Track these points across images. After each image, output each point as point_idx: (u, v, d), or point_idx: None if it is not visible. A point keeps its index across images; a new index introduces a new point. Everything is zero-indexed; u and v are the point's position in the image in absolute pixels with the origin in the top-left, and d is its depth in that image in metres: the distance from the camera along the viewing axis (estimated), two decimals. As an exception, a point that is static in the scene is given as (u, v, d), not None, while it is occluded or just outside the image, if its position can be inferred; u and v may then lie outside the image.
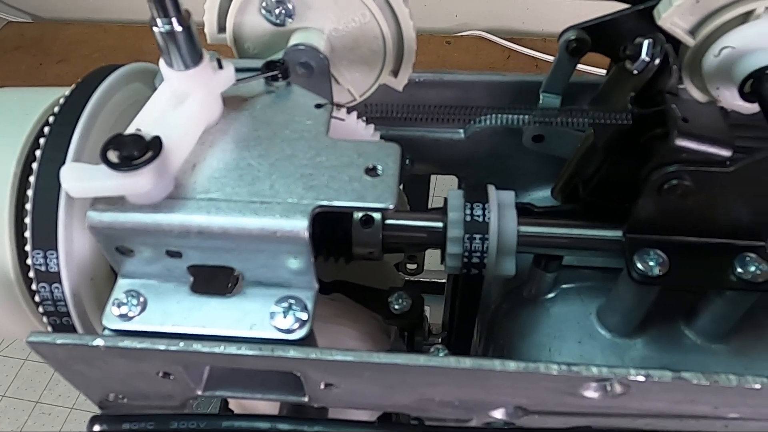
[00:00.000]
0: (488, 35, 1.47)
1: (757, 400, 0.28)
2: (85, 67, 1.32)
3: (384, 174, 0.29)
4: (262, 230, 0.27)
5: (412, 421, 0.36)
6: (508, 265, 0.37)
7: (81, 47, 1.60)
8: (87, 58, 1.61)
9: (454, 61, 1.53)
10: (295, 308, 0.29)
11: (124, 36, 1.44)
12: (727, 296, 0.36)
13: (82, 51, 1.61)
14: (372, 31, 0.36)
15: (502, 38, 1.45)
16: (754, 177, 0.31)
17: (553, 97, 0.40)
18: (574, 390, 0.29)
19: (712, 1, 0.34)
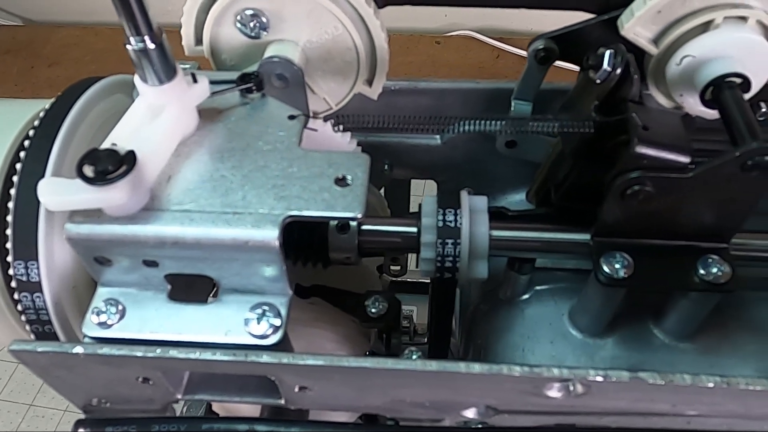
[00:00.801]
0: (477, 35, 1.48)
1: (712, 398, 0.29)
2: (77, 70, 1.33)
3: (353, 184, 0.30)
4: (235, 240, 0.28)
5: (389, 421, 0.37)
6: (481, 268, 0.38)
7: (72, 50, 1.61)
8: (78, 61, 1.62)
9: (444, 60, 1.54)
10: (269, 314, 0.30)
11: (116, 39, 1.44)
12: (692, 297, 0.37)
13: (73, 54, 1.61)
14: (345, 43, 0.37)
15: (492, 38, 1.46)
16: (711, 182, 0.32)
17: (524, 104, 0.41)
18: (537, 390, 0.30)
19: (673, 12, 0.35)
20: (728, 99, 0.34)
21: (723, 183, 0.32)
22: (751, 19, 0.34)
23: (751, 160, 0.31)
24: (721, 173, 0.32)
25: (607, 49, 0.33)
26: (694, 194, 0.33)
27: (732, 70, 0.34)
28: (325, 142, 0.41)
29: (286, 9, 0.35)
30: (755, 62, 0.35)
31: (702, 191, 0.33)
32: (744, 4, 0.34)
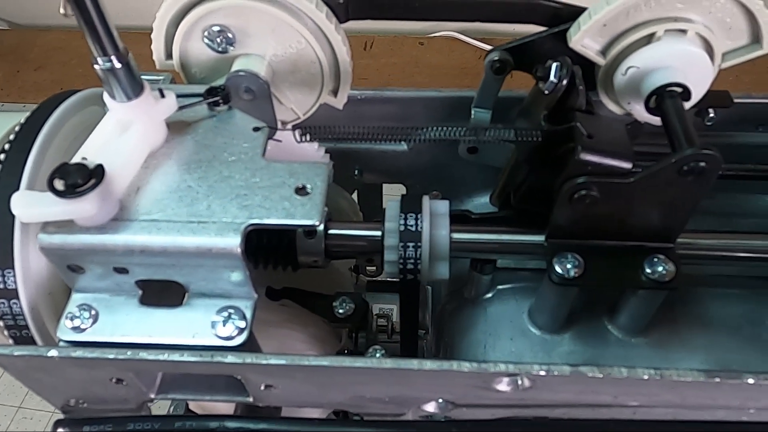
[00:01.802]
0: (461, 36, 1.50)
1: (648, 389, 0.31)
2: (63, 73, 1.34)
3: (313, 193, 0.32)
4: (199, 248, 0.30)
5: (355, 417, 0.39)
6: (442, 269, 0.40)
7: (58, 54, 1.62)
8: (65, 65, 1.62)
9: (427, 61, 1.56)
10: (234, 317, 0.32)
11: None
12: (640, 294, 0.39)
13: (59, 58, 1.62)
14: (309, 56, 0.38)
15: (475, 39, 1.48)
16: (652, 186, 0.34)
17: (483, 112, 0.43)
18: (487, 385, 0.32)
19: (618, 25, 0.37)
20: (669, 107, 0.36)
21: (663, 187, 0.34)
22: (690, 32, 0.36)
23: (686, 165, 0.33)
24: (661, 178, 0.34)
25: (554, 62, 0.35)
26: (637, 198, 0.35)
27: (673, 80, 0.36)
28: (293, 152, 0.42)
29: (252, 25, 0.37)
30: (695, 73, 0.37)
31: (644, 195, 0.35)
32: (683, 18, 0.36)
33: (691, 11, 0.36)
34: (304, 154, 0.44)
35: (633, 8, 0.36)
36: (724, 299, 0.44)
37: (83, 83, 0.44)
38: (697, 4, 0.35)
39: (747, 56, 0.37)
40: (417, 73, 1.47)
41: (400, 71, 1.47)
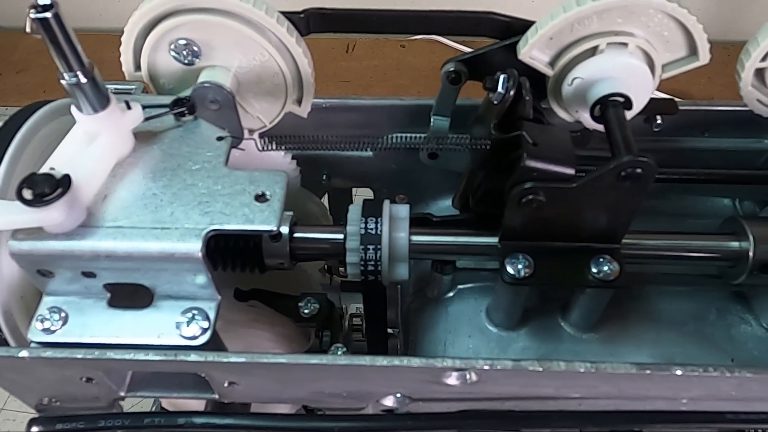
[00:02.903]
0: (441, 39, 1.52)
1: (586, 382, 0.33)
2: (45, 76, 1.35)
3: (272, 199, 0.34)
4: (162, 253, 0.32)
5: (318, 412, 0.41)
6: (401, 270, 0.42)
7: (41, 57, 1.61)
8: (47, 68, 1.62)
9: (409, 64, 1.57)
10: (198, 318, 0.34)
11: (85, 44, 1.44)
12: (588, 293, 0.41)
13: (42, 61, 1.62)
14: (272, 68, 0.40)
15: (455, 41, 1.50)
16: (594, 191, 0.36)
17: (442, 120, 0.45)
18: (437, 379, 0.34)
19: (563, 38, 0.39)
20: (611, 116, 0.38)
21: (604, 191, 0.36)
22: (631, 45, 0.38)
23: (624, 171, 0.35)
24: (601, 183, 0.36)
25: (502, 74, 0.37)
26: (581, 201, 0.37)
27: (615, 91, 0.38)
28: (261, 159, 0.44)
29: (216, 39, 0.39)
30: (636, 84, 0.39)
31: (587, 199, 0.37)
32: (624, 32, 0.38)
33: (630, 26, 0.38)
34: (272, 161, 0.46)
35: (577, 22, 0.38)
36: (671, 296, 0.46)
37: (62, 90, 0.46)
38: (635, 19, 0.38)
39: (686, 67, 0.40)
40: (398, 76, 1.49)
41: (381, 73, 1.49)
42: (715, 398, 0.34)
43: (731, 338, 0.44)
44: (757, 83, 0.41)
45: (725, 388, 0.33)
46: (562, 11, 0.37)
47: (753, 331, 0.44)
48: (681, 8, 0.36)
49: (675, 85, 1.27)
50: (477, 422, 0.35)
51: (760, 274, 0.41)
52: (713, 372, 0.32)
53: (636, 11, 0.37)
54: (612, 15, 0.38)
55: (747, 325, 0.45)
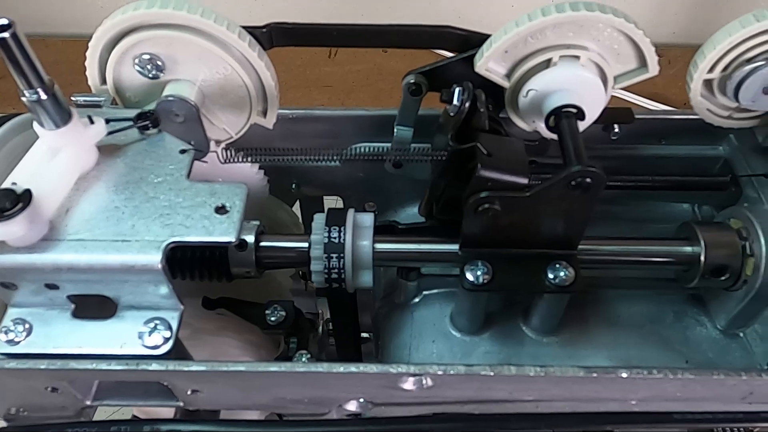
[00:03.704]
0: (423, 43, 1.53)
1: (537, 385, 0.34)
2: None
3: (231, 211, 0.35)
4: (122, 265, 0.33)
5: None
6: (365, 278, 0.43)
7: (22, 63, 1.61)
8: (29, 74, 1.62)
9: (390, 68, 1.59)
10: (160, 328, 0.35)
11: (67, 51, 1.45)
12: (547, 298, 0.42)
13: (23, 67, 1.61)
14: (236, 81, 0.41)
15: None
16: (546, 200, 0.37)
17: (405, 129, 0.46)
18: (394, 384, 0.35)
19: (518, 52, 0.40)
20: (564, 126, 0.39)
21: (556, 200, 0.38)
22: (583, 57, 0.39)
23: (574, 180, 0.36)
24: (553, 192, 0.37)
25: (457, 87, 0.38)
26: (535, 210, 0.38)
27: (568, 102, 0.40)
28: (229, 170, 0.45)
29: (179, 53, 0.40)
30: (589, 95, 0.40)
31: (541, 207, 0.38)
32: (576, 46, 0.39)
33: (582, 39, 0.39)
34: (240, 172, 0.47)
35: (530, 36, 0.39)
36: (631, 300, 0.47)
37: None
38: (586, 33, 0.39)
39: (637, 78, 0.41)
40: (380, 80, 1.50)
41: (363, 78, 1.50)
42: (663, 399, 0.36)
43: (687, 340, 0.45)
44: (707, 93, 0.42)
45: (670, 389, 0.34)
46: (515, 26, 0.38)
47: (708, 333, 0.46)
48: (629, 23, 0.38)
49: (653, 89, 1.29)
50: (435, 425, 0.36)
51: (711, 277, 0.42)
52: (657, 374, 0.33)
53: (586, 26, 0.38)
54: (563, 29, 0.39)
55: (702, 327, 0.46)
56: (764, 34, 0.38)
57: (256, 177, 0.48)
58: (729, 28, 0.39)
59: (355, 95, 1.47)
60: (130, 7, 0.38)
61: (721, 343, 0.45)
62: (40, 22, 1.63)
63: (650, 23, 0.38)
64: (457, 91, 0.38)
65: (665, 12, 1.46)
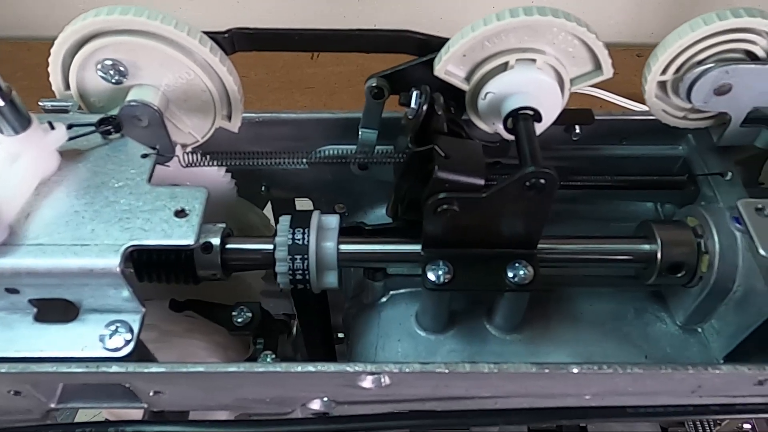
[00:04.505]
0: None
1: (493, 382, 0.35)
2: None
3: (191, 215, 0.35)
4: (81, 269, 0.33)
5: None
6: (330, 279, 0.43)
7: (3, 66, 1.60)
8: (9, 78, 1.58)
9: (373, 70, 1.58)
10: (121, 330, 0.35)
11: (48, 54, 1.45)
12: (507, 296, 0.43)
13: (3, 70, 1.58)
14: (199, 86, 0.42)
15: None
16: (503, 200, 0.38)
17: (370, 132, 0.46)
18: (352, 383, 0.35)
19: (476, 55, 0.41)
20: (521, 128, 0.40)
21: (512, 200, 0.38)
22: (539, 61, 0.40)
23: (528, 181, 0.37)
24: (509, 193, 0.38)
25: (415, 90, 0.39)
26: (493, 210, 0.39)
27: (524, 104, 0.40)
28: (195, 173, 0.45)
29: (142, 59, 0.40)
30: (545, 98, 0.41)
31: (499, 207, 0.39)
32: (532, 49, 0.40)
33: (537, 43, 0.40)
34: (207, 175, 0.48)
35: (487, 40, 0.40)
36: (593, 297, 0.48)
37: (28, 95, 0.46)
38: (541, 36, 0.40)
39: (593, 81, 0.42)
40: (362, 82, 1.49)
41: (345, 80, 1.51)
42: (617, 393, 0.37)
43: (647, 336, 0.46)
44: (661, 94, 0.43)
45: (622, 383, 0.35)
46: (471, 30, 0.39)
47: (667, 328, 0.47)
48: (580, 27, 0.38)
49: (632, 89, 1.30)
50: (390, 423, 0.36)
51: (668, 274, 0.43)
52: (607, 369, 0.34)
53: (541, 30, 0.39)
54: (519, 33, 0.40)
55: (662, 323, 0.47)
56: (713, 37, 0.39)
57: (223, 180, 0.48)
58: (679, 31, 0.40)
59: (338, 97, 1.47)
60: (90, 13, 0.38)
61: (679, 339, 0.46)
62: (21, 25, 1.62)
63: (629, 24, 0.39)
64: (415, 95, 0.39)
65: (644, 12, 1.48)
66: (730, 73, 0.40)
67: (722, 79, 0.40)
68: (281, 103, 1.47)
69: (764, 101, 0.41)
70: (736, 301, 0.42)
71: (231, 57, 0.42)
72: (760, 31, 0.39)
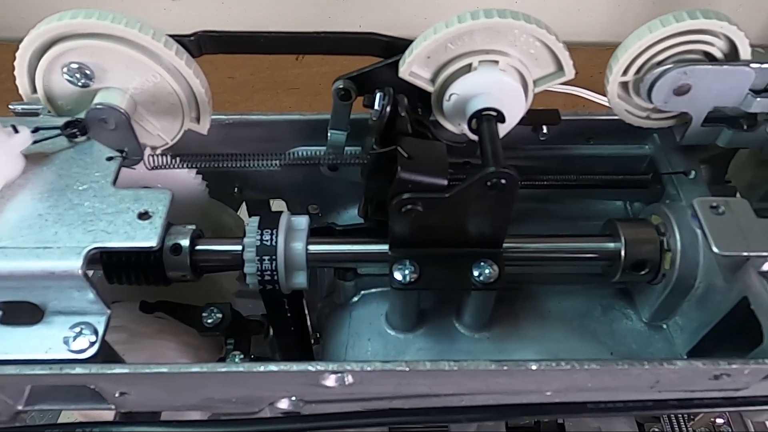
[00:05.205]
0: (391, 44, 1.54)
1: (454, 379, 0.36)
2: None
3: (154, 217, 0.36)
4: (43, 271, 0.33)
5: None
6: (300, 279, 0.44)
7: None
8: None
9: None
10: (86, 332, 0.35)
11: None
12: (474, 295, 0.43)
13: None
14: (166, 89, 0.42)
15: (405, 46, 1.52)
16: (466, 200, 0.39)
17: (339, 134, 0.47)
18: (316, 382, 0.36)
19: (440, 57, 0.42)
20: (484, 129, 0.41)
21: (475, 200, 0.39)
22: (502, 62, 0.41)
23: (489, 181, 0.38)
24: (471, 193, 0.38)
25: (378, 92, 0.40)
26: (456, 210, 0.40)
27: (487, 105, 0.41)
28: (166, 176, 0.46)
29: (107, 62, 0.40)
30: (508, 99, 0.42)
31: (462, 207, 0.39)
32: (495, 51, 0.41)
33: (500, 45, 0.41)
34: (177, 178, 0.48)
35: (450, 42, 0.41)
36: (561, 295, 0.49)
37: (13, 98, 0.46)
38: (503, 38, 0.40)
39: (555, 81, 0.42)
40: (347, 83, 1.51)
41: (330, 81, 1.50)
42: (578, 390, 0.37)
43: (613, 332, 0.47)
44: (623, 95, 0.44)
45: (580, 379, 0.36)
46: (433, 32, 0.40)
47: (633, 325, 0.47)
48: (540, 29, 0.39)
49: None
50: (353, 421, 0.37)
51: (632, 272, 0.44)
52: (565, 365, 0.34)
53: (503, 32, 0.40)
54: (481, 35, 0.40)
55: (628, 320, 0.48)
56: (671, 39, 0.40)
57: (194, 182, 0.49)
58: (638, 32, 0.40)
59: (322, 97, 1.47)
60: (55, 17, 0.39)
61: (645, 335, 0.47)
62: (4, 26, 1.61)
63: (615, 23, 0.40)
64: (378, 97, 0.39)
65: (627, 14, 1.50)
66: (688, 73, 0.40)
67: (681, 80, 0.41)
68: (266, 104, 1.48)
69: (723, 101, 0.42)
70: (697, 297, 0.43)
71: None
72: (717, 33, 0.40)
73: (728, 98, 0.42)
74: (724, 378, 0.35)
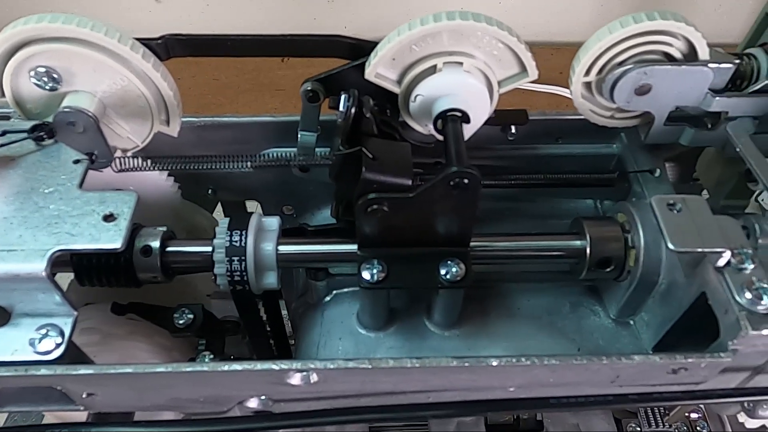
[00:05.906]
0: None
1: (417, 376, 0.36)
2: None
3: (119, 219, 0.36)
4: (7, 274, 0.34)
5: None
6: (270, 279, 0.44)
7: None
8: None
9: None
10: (52, 334, 0.36)
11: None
12: (442, 293, 0.44)
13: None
14: (134, 92, 0.42)
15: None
16: (431, 199, 0.39)
17: (309, 135, 0.47)
18: (281, 380, 0.36)
19: (405, 59, 0.42)
20: (449, 129, 0.41)
21: (439, 200, 0.39)
22: (467, 64, 0.41)
23: (452, 181, 0.38)
24: (435, 192, 0.39)
25: (343, 94, 0.40)
26: (422, 209, 0.40)
27: (452, 106, 0.41)
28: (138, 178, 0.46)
29: (75, 66, 0.41)
30: (473, 100, 0.42)
31: (427, 206, 0.40)
32: (459, 53, 0.41)
33: (464, 47, 0.41)
34: (149, 180, 0.48)
35: (415, 44, 0.41)
36: (531, 293, 0.50)
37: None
38: (466, 40, 0.41)
39: (519, 82, 0.43)
40: (333, 84, 1.51)
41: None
42: (541, 385, 0.38)
43: (581, 329, 0.48)
44: (587, 95, 0.45)
45: (542, 375, 0.36)
46: (397, 35, 0.40)
47: (600, 321, 0.48)
48: (502, 30, 0.40)
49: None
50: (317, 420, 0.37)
51: (597, 269, 0.45)
52: (525, 361, 0.35)
53: (465, 33, 0.40)
54: (445, 37, 0.41)
55: (596, 316, 0.48)
56: (632, 39, 0.41)
57: (165, 184, 0.49)
58: (599, 33, 0.41)
59: (308, 99, 1.48)
60: (20, 21, 0.39)
61: (612, 331, 0.47)
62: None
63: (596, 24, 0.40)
64: (343, 98, 0.40)
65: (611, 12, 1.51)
66: (648, 73, 0.41)
67: (642, 80, 0.41)
68: (252, 106, 1.48)
69: (684, 101, 0.43)
70: (661, 293, 0.44)
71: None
72: (675, 33, 0.40)
73: (689, 98, 0.43)
74: (682, 372, 0.36)
